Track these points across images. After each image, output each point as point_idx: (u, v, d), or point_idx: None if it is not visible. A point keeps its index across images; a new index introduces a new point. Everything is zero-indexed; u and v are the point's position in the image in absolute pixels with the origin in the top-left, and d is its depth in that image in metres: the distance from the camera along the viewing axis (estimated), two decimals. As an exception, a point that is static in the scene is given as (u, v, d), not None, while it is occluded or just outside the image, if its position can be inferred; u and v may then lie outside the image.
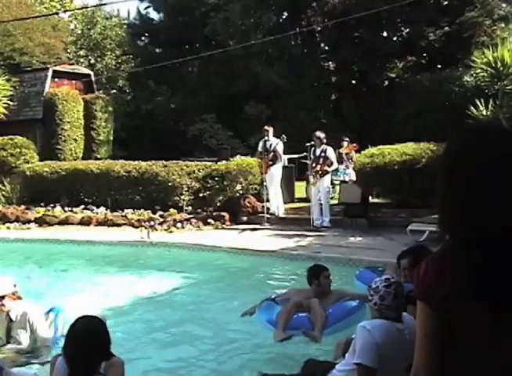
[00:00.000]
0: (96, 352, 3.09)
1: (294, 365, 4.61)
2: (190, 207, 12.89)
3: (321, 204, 11.41)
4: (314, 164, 11.35)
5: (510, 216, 1.46)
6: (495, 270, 1.46)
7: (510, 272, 1.45)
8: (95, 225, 12.46)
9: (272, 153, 11.94)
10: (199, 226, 11.92)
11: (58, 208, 13.31)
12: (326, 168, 11.29)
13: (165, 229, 11.69)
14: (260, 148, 12.22)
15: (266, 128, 12.24)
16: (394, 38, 21.46)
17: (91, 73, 19.04)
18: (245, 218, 12.22)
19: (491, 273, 1.46)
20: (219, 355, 5.36)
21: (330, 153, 11.43)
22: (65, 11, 23.28)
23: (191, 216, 12.37)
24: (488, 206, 1.47)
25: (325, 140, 11.47)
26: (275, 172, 12.08)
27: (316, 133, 11.46)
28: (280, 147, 12.03)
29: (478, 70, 14.54)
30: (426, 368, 1.53)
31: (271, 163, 11.98)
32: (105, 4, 22.72)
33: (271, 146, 11.99)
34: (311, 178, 11.49)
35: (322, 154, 11.33)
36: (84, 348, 3.06)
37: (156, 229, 11.64)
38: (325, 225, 11.21)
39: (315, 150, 11.41)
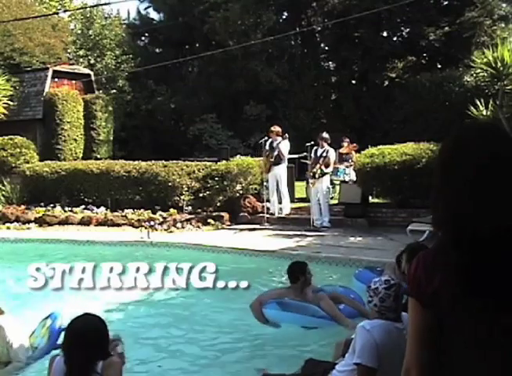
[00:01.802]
0: (95, 350, 3.06)
1: (294, 364, 4.61)
2: (190, 207, 12.90)
3: (320, 204, 11.43)
4: (313, 164, 11.36)
5: (500, 217, 1.47)
6: (484, 270, 1.47)
7: (500, 272, 1.46)
8: (95, 225, 12.46)
9: (276, 153, 11.92)
10: (199, 226, 11.92)
11: (58, 208, 13.30)
12: (323, 168, 11.29)
13: (165, 229, 11.70)
14: (267, 147, 12.14)
15: (272, 129, 12.10)
16: (394, 38, 21.47)
17: (91, 73, 19.03)
18: (245, 218, 12.22)
19: (480, 273, 1.47)
20: (219, 354, 5.36)
21: (331, 154, 11.46)
22: (65, 11, 23.27)
23: (191, 216, 12.37)
24: (478, 207, 1.48)
25: (329, 141, 11.53)
26: (279, 172, 12.03)
27: (323, 134, 11.51)
28: (284, 147, 11.99)
29: (478, 70, 14.54)
30: (417, 364, 1.55)
31: (272, 161, 11.95)
32: (105, 4, 22.73)
33: (277, 145, 11.97)
34: (310, 179, 11.51)
35: (324, 155, 11.35)
36: (82, 347, 3.03)
37: (156, 229, 11.64)
38: (325, 225, 11.22)
39: (316, 150, 11.43)
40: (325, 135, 11.54)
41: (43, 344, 4.98)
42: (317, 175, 11.25)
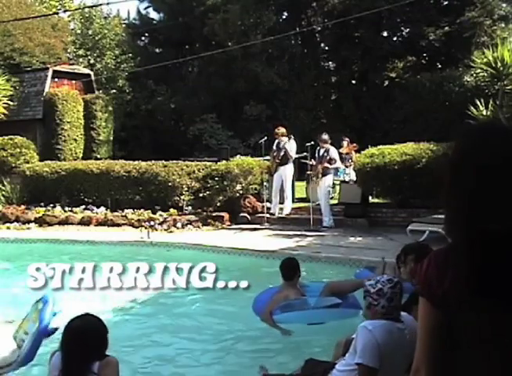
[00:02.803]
0: (92, 351, 3.05)
1: (294, 364, 4.61)
2: (190, 207, 12.90)
3: (318, 204, 11.48)
4: (317, 165, 11.41)
5: (503, 217, 1.47)
6: (496, 271, 1.47)
7: (506, 272, 1.46)
8: (95, 225, 12.46)
9: (282, 153, 11.94)
10: (199, 226, 11.92)
11: (58, 208, 13.30)
12: (327, 164, 11.32)
13: (165, 229, 11.70)
14: (274, 147, 12.17)
15: (276, 131, 12.12)
16: (394, 38, 21.47)
17: (91, 73, 19.03)
18: (245, 219, 12.22)
19: (492, 274, 1.46)
20: (219, 354, 5.36)
21: (333, 152, 11.51)
22: (65, 11, 23.28)
23: (191, 216, 12.37)
24: (491, 207, 1.48)
25: (329, 141, 11.57)
26: (285, 172, 12.03)
27: (322, 136, 11.59)
28: (290, 147, 12.00)
29: (478, 70, 14.55)
30: (426, 363, 1.55)
31: (278, 162, 11.97)
32: (105, 4, 22.74)
33: (283, 145, 11.97)
34: (315, 178, 11.55)
35: (325, 154, 11.40)
36: (80, 346, 3.03)
37: (156, 229, 11.64)
38: (325, 225, 11.21)
39: (319, 151, 11.49)
40: (324, 136, 11.58)
41: (34, 329, 4.93)
42: (320, 174, 11.30)
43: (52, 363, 3.16)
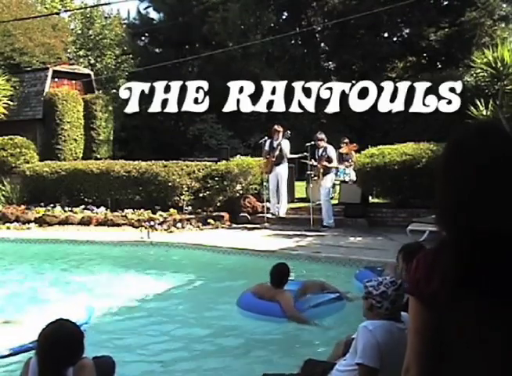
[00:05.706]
0: (66, 356, 3.06)
1: (293, 364, 4.60)
2: (190, 207, 12.89)
3: (319, 204, 11.48)
4: (318, 164, 11.44)
5: (500, 217, 1.47)
6: (484, 271, 1.47)
7: (500, 272, 1.46)
8: (95, 225, 12.46)
9: (277, 152, 11.93)
10: (199, 226, 11.93)
11: (58, 208, 13.30)
12: (325, 163, 11.33)
13: (165, 229, 11.70)
14: (266, 147, 12.14)
15: (277, 128, 12.13)
16: (395, 39, 21.48)
17: (91, 73, 19.03)
18: (245, 218, 12.22)
19: (480, 274, 1.46)
20: (219, 355, 5.35)
21: (331, 151, 11.53)
22: (65, 11, 23.28)
23: (191, 216, 12.37)
24: (481, 207, 1.48)
25: (325, 139, 11.57)
26: (281, 172, 12.03)
27: (317, 135, 11.60)
28: (287, 146, 12.01)
29: (478, 70, 14.54)
30: (417, 362, 1.56)
31: (273, 160, 11.95)
32: (105, 4, 22.73)
33: (278, 145, 11.95)
34: (316, 178, 11.57)
35: (324, 154, 11.41)
36: (53, 352, 3.03)
37: (156, 229, 11.64)
38: (324, 224, 11.22)
39: (318, 151, 11.51)
40: (319, 135, 11.62)
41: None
42: (321, 174, 11.32)
43: (30, 369, 3.15)
